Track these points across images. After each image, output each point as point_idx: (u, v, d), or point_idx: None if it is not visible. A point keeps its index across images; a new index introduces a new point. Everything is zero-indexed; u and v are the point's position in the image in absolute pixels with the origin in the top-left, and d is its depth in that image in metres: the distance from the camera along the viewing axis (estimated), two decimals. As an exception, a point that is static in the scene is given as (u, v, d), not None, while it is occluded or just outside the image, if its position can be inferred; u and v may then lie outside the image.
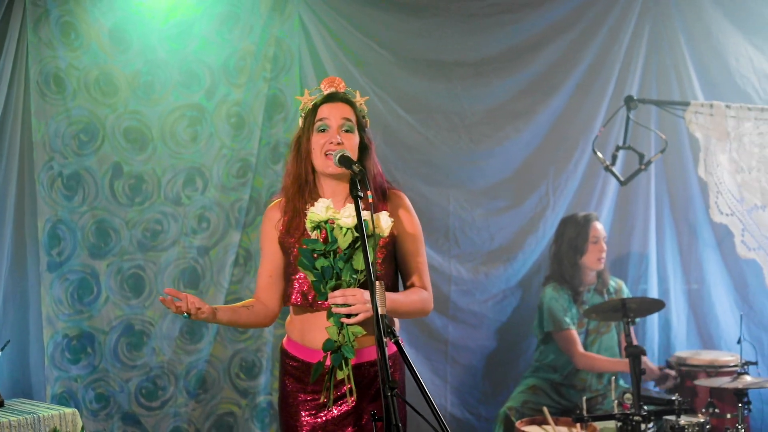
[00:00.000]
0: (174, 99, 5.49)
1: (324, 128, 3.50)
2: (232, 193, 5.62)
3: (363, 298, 3.26)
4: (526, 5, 6.10)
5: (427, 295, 3.61)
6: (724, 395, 5.34)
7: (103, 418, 5.34)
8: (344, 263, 3.33)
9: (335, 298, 3.30)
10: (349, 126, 3.51)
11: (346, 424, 3.50)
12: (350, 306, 3.27)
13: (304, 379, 3.54)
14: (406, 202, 3.68)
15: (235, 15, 5.59)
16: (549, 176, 6.24)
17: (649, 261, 6.31)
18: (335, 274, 3.34)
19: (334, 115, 3.50)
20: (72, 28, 5.22)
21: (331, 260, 3.34)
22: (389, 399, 2.75)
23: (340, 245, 3.34)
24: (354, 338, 3.32)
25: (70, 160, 5.24)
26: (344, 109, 3.54)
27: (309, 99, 3.58)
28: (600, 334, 5.78)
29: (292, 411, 3.58)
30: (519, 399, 5.72)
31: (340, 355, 3.33)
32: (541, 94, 6.19)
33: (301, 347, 3.55)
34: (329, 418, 3.51)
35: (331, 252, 3.35)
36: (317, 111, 3.53)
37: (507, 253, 6.21)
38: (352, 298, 3.27)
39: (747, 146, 5.32)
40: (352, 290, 3.30)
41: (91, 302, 5.31)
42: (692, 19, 6.16)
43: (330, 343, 3.34)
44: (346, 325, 3.31)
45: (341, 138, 3.47)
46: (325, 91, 3.57)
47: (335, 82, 3.60)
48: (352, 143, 3.50)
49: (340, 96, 3.56)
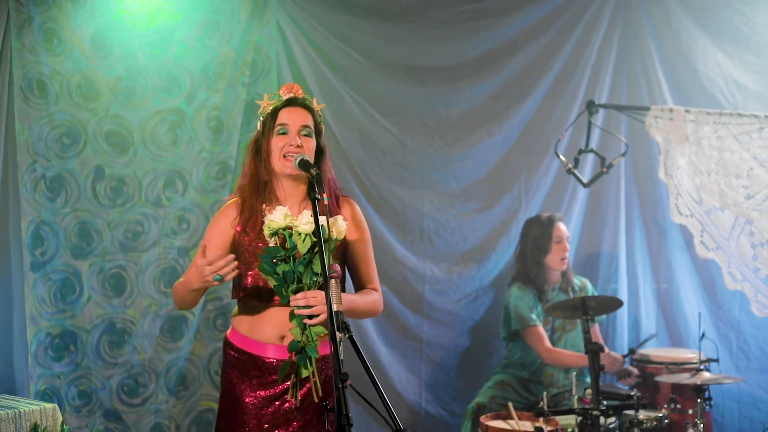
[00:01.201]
0: (155, 103, 5.55)
1: (284, 131, 3.61)
2: (212, 195, 5.68)
3: (323, 300, 3.35)
4: (498, 12, 6.16)
5: (378, 297, 3.74)
6: (685, 391, 5.43)
7: (85, 415, 5.39)
8: (304, 267, 3.44)
9: (297, 301, 3.40)
10: (307, 131, 3.63)
11: (292, 418, 3.59)
12: (312, 307, 3.38)
13: (250, 371, 3.61)
14: (355, 208, 3.78)
15: (215, 21, 5.65)
16: (521, 179, 6.30)
17: (619, 261, 6.38)
18: (296, 278, 3.45)
19: (293, 120, 3.62)
20: (55, 34, 5.28)
21: (292, 265, 3.45)
22: (341, 391, 2.86)
23: (299, 250, 3.45)
24: (317, 338, 3.44)
25: (53, 163, 5.29)
26: (303, 114, 3.65)
27: (269, 103, 3.69)
28: (566, 332, 5.85)
29: (237, 403, 3.64)
30: (487, 394, 5.79)
31: (305, 355, 3.45)
32: (514, 98, 6.25)
33: (249, 340, 3.62)
34: (273, 412, 3.59)
35: (291, 257, 3.46)
36: (277, 115, 3.64)
37: (480, 254, 6.28)
38: (313, 300, 3.38)
39: (706, 149, 5.42)
40: (313, 292, 3.40)
41: (73, 301, 5.37)
42: (662, 25, 6.23)
43: (295, 344, 3.46)
44: (308, 326, 3.43)
45: (300, 141, 3.58)
46: (285, 97, 3.68)
47: (294, 89, 3.71)
48: (310, 147, 3.62)
49: (300, 101, 3.67)
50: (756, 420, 6.09)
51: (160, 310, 5.58)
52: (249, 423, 3.61)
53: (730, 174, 5.40)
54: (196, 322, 5.65)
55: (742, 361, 6.12)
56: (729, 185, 5.39)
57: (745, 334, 6.11)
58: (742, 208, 5.38)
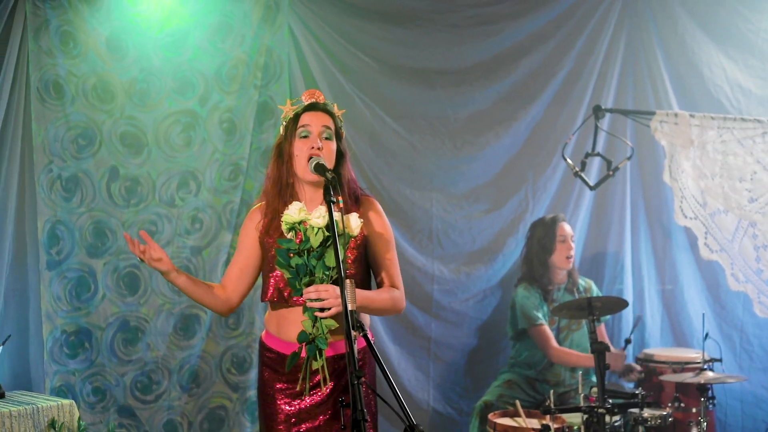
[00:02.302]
0: (168, 105, 5.61)
1: (306, 134, 3.70)
2: (224, 195, 5.75)
3: (335, 293, 3.45)
4: (506, 17, 6.21)
5: (398, 294, 3.79)
6: (688, 390, 5.50)
7: (99, 411, 5.46)
8: (317, 261, 3.53)
9: (309, 294, 3.49)
10: (328, 134, 3.72)
11: (318, 413, 3.69)
12: (323, 300, 3.47)
13: (279, 370, 3.72)
14: (376, 206, 3.86)
15: (228, 25, 5.72)
16: (528, 180, 6.36)
17: (624, 262, 6.43)
18: (309, 271, 3.54)
19: (315, 123, 3.71)
20: (71, 37, 5.35)
21: (305, 258, 3.54)
22: (356, 387, 2.94)
23: (312, 244, 3.54)
24: (327, 330, 3.53)
25: (68, 164, 5.36)
26: (324, 118, 3.74)
27: (291, 108, 3.77)
28: (571, 331, 5.92)
29: (269, 399, 3.77)
30: (495, 393, 5.84)
31: (314, 347, 3.54)
32: (521, 102, 6.31)
33: (278, 340, 3.74)
34: (303, 407, 3.70)
35: (305, 251, 3.54)
36: (299, 119, 3.73)
37: (488, 254, 6.33)
38: (324, 293, 3.47)
39: (710, 154, 5.49)
40: (325, 286, 3.49)
41: (88, 299, 5.44)
42: (667, 30, 6.28)
43: (304, 335, 3.55)
44: (319, 319, 3.52)
45: (321, 143, 3.68)
46: (306, 102, 3.77)
47: (315, 94, 3.80)
48: (331, 149, 3.71)
49: (321, 106, 3.76)
50: (759, 419, 6.15)
51: (173, 309, 5.65)
52: (281, 418, 3.73)
53: (734, 177, 5.48)
54: (209, 321, 5.72)
55: (745, 361, 6.18)
56: (733, 188, 5.47)
57: (748, 334, 6.17)
58: (746, 211, 5.46)
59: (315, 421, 3.70)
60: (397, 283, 3.82)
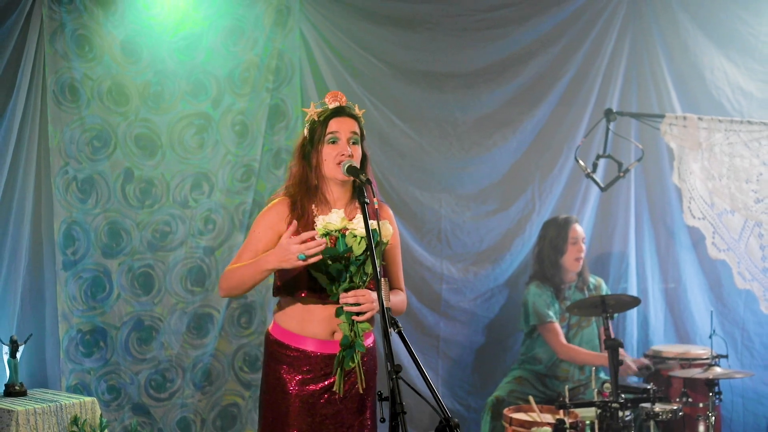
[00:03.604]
0: (182, 108, 5.68)
1: (335, 140, 3.76)
2: (237, 196, 5.82)
3: (371, 298, 3.57)
4: (513, 21, 6.29)
5: (404, 297, 3.99)
6: (696, 386, 5.59)
7: (114, 409, 5.52)
8: (356, 267, 3.62)
9: (347, 299, 3.59)
10: (355, 138, 3.80)
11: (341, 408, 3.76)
12: (361, 305, 3.58)
13: (301, 367, 3.76)
14: (391, 215, 3.98)
15: (240, 29, 5.79)
16: (535, 181, 6.43)
17: (628, 261, 6.52)
18: (348, 277, 3.62)
19: (343, 129, 3.78)
20: (86, 40, 5.41)
21: (343, 264, 3.63)
22: (395, 382, 3.03)
23: (354, 252, 3.61)
24: (362, 333, 3.64)
25: (84, 165, 5.42)
26: (351, 123, 3.81)
27: (315, 111, 3.83)
28: (581, 328, 5.99)
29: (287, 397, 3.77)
30: (506, 389, 5.91)
31: (353, 350, 3.63)
32: (528, 104, 6.38)
33: (298, 336, 3.77)
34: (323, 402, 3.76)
35: (343, 257, 3.63)
36: (328, 124, 3.79)
37: (495, 254, 6.41)
38: (362, 298, 3.58)
39: (718, 155, 5.59)
40: (362, 291, 3.59)
41: (103, 299, 5.50)
42: (670, 34, 6.38)
43: (346, 340, 3.63)
44: (356, 323, 3.62)
45: (350, 150, 3.75)
46: (331, 105, 3.83)
47: (338, 97, 3.86)
48: (359, 154, 3.79)
49: (347, 111, 3.83)
50: (760, 414, 6.28)
51: (186, 308, 5.72)
52: (300, 415, 3.76)
53: (741, 179, 5.58)
54: (221, 320, 5.79)
55: (747, 358, 6.29)
56: (739, 189, 5.58)
57: (749, 332, 6.28)
58: (752, 211, 5.57)
59: (338, 417, 3.77)
60: (402, 286, 4.00)
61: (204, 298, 5.76)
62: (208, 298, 5.78)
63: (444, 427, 2.96)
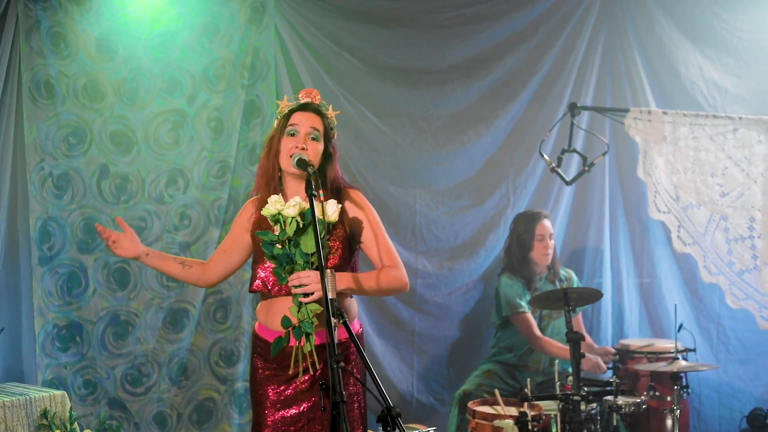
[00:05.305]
0: (157, 104, 5.70)
1: (294, 133, 3.82)
2: (212, 192, 5.84)
3: (316, 278, 3.58)
4: (488, 17, 6.30)
5: (396, 272, 3.86)
6: (663, 379, 5.61)
7: (90, 403, 5.54)
8: (295, 249, 3.66)
9: (292, 281, 3.64)
10: (315, 135, 3.83)
11: (302, 399, 3.81)
12: (305, 286, 3.61)
13: (268, 357, 3.83)
14: (359, 196, 3.95)
15: (215, 26, 5.81)
16: (509, 177, 6.44)
17: (603, 256, 6.53)
18: (290, 259, 3.67)
19: (303, 123, 3.82)
20: (61, 37, 5.43)
21: (286, 248, 3.68)
22: (335, 371, 3.07)
23: (287, 233, 3.67)
24: (312, 314, 3.65)
25: (59, 162, 5.45)
26: (314, 119, 3.85)
27: (286, 105, 3.89)
28: (552, 319, 6.01)
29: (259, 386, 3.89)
30: (474, 382, 5.94)
31: (299, 330, 3.67)
32: (502, 100, 6.40)
33: (266, 329, 3.86)
34: (289, 393, 3.82)
35: (285, 240, 3.68)
36: (290, 117, 3.85)
37: (470, 249, 6.42)
38: (306, 279, 3.60)
39: (682, 149, 5.62)
40: (306, 272, 3.62)
41: (79, 294, 5.52)
42: (645, 30, 6.39)
43: (287, 320, 3.67)
44: (304, 304, 3.65)
45: (306, 144, 3.79)
46: (302, 101, 3.89)
47: (312, 94, 3.92)
48: (316, 150, 3.82)
49: (313, 107, 3.88)
50: (735, 409, 6.30)
51: (162, 303, 5.74)
52: (272, 405, 3.84)
53: (706, 172, 5.62)
54: (197, 315, 5.82)
55: (722, 352, 6.32)
56: (705, 183, 5.61)
57: (724, 326, 6.32)
58: (718, 205, 5.60)
59: (299, 407, 3.81)
60: (394, 262, 3.89)
61: (180, 293, 5.78)
62: (184, 294, 5.80)
63: (386, 416, 2.98)
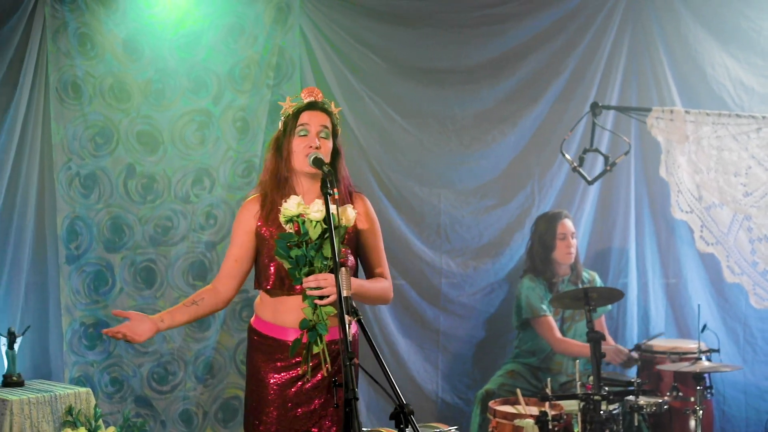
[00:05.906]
0: (183, 104, 5.75)
1: (305, 132, 3.83)
2: (238, 192, 5.85)
3: (333, 282, 3.59)
4: (512, 17, 6.30)
5: (388, 284, 3.96)
6: (686, 380, 5.57)
7: (117, 401, 5.60)
8: (315, 252, 3.69)
9: (309, 282, 3.66)
10: (325, 132, 3.85)
11: (313, 396, 3.82)
12: (322, 288, 3.64)
13: (276, 356, 3.83)
14: (367, 203, 4.00)
15: (241, 26, 5.85)
16: (534, 176, 6.43)
17: (629, 256, 6.48)
18: (308, 261, 3.70)
19: (313, 122, 3.84)
20: (88, 38, 5.50)
21: (304, 249, 3.70)
22: (348, 368, 3.08)
23: (311, 236, 3.70)
24: (327, 317, 3.70)
25: (86, 161, 5.52)
26: (322, 117, 3.87)
27: (290, 105, 3.91)
28: (575, 322, 6.00)
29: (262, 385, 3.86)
30: (497, 382, 5.94)
31: (316, 332, 3.70)
32: (527, 100, 6.38)
33: (273, 326, 3.85)
34: (297, 391, 3.81)
35: (304, 242, 3.71)
36: (299, 117, 3.86)
37: (495, 249, 6.41)
38: (323, 282, 3.63)
39: (705, 149, 5.58)
40: (324, 275, 3.65)
41: (106, 293, 5.59)
42: (670, 29, 6.36)
43: (305, 322, 3.71)
44: (319, 306, 3.68)
45: (319, 142, 3.82)
46: (306, 100, 3.90)
47: (314, 92, 3.94)
48: (328, 148, 3.84)
49: (320, 105, 3.90)
50: (762, 410, 6.25)
51: (188, 302, 5.79)
52: (274, 402, 3.83)
53: (729, 172, 5.58)
54: (223, 313, 5.83)
55: (749, 353, 6.28)
56: (728, 183, 5.57)
57: (751, 327, 6.28)
58: (741, 205, 5.56)
59: (310, 405, 3.82)
60: (387, 274, 3.98)
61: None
62: (210, 293, 5.82)
63: (398, 414, 3.00)
